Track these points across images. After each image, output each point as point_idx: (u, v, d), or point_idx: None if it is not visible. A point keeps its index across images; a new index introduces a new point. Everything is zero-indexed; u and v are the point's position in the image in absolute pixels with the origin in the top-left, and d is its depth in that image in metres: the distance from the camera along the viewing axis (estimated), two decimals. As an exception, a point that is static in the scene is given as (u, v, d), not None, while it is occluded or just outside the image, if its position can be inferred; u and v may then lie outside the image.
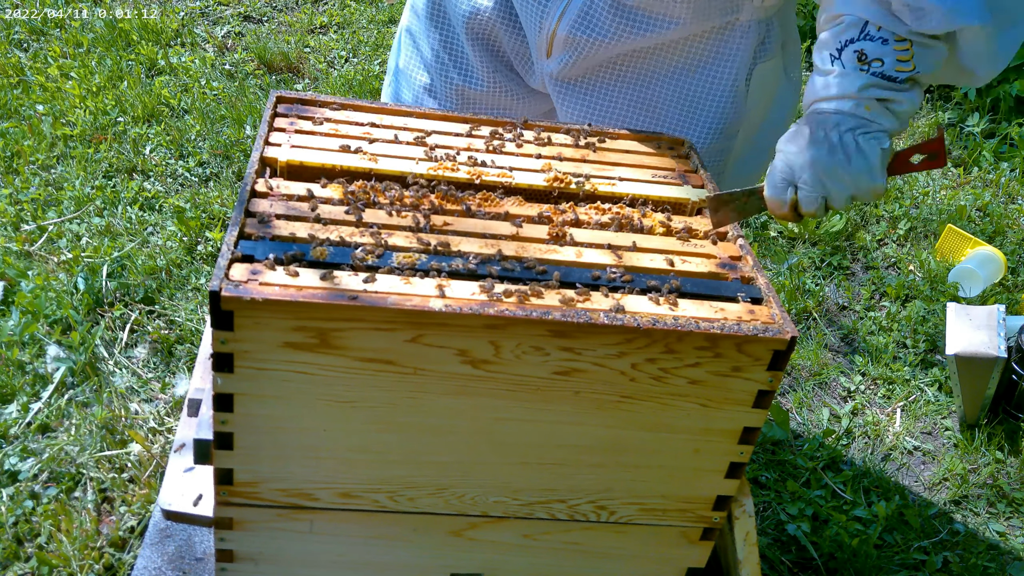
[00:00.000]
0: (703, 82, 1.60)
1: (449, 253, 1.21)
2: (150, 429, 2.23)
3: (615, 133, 1.59)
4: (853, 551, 2.19)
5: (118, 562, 1.93)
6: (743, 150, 1.71)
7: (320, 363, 1.13)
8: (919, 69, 1.31)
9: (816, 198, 1.32)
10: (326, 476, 1.24)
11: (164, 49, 4.01)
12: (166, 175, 3.23)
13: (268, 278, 1.11)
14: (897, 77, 1.31)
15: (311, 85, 3.96)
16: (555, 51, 1.60)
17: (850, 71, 1.31)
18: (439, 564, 1.36)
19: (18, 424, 2.20)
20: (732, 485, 1.32)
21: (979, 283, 3.09)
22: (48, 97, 3.52)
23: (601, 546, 1.37)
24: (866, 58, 1.31)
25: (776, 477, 2.40)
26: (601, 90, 1.64)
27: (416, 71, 1.80)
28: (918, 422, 2.65)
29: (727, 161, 1.70)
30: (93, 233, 2.88)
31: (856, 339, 2.94)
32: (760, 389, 1.22)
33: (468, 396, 1.18)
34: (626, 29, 1.53)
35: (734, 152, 1.70)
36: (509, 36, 1.66)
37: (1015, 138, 3.93)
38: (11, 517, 1.98)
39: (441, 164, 1.41)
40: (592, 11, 1.53)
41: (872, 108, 1.31)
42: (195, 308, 2.62)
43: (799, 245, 3.32)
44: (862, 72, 1.31)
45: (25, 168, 3.13)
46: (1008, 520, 2.38)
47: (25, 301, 2.51)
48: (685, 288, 1.24)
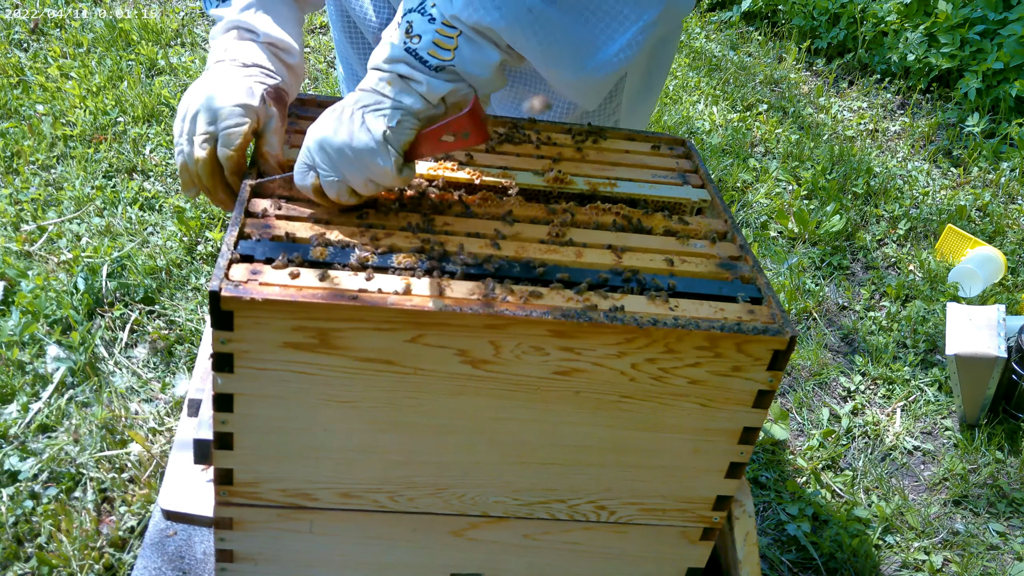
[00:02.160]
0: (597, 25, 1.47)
1: (449, 253, 1.21)
2: (150, 429, 2.23)
3: (615, 133, 1.59)
4: (853, 551, 2.19)
5: (118, 562, 1.93)
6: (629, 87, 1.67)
7: (320, 363, 1.13)
8: (456, 62, 1.21)
9: (334, 182, 1.22)
10: (326, 476, 1.24)
11: (164, 49, 4.01)
12: (166, 175, 3.23)
13: (268, 278, 1.11)
14: (427, 61, 1.21)
15: (311, 85, 3.95)
16: None
17: (392, 41, 1.23)
18: (439, 564, 1.36)
19: (18, 424, 2.20)
20: (732, 485, 1.32)
21: (979, 283, 3.10)
22: (48, 97, 3.52)
23: (601, 546, 1.37)
24: (411, 31, 1.21)
25: (776, 477, 2.40)
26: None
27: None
28: (918, 422, 2.65)
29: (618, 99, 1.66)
30: (93, 233, 2.88)
31: (856, 339, 2.94)
32: (760, 389, 1.22)
33: (468, 396, 1.18)
34: None
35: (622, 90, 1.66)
36: None
37: (1015, 138, 3.93)
38: (11, 517, 1.98)
39: (441, 164, 1.41)
40: None
41: (394, 84, 1.22)
42: (195, 308, 2.62)
43: (799, 245, 3.32)
44: (403, 44, 1.21)
45: (25, 168, 3.13)
46: (1008, 520, 2.37)
47: (25, 301, 2.51)
48: (685, 288, 1.24)
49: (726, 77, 4.53)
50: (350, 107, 1.22)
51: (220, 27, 1.41)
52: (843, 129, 4.18)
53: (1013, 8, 4.17)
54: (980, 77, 4.15)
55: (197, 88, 1.34)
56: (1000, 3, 4.21)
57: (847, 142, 4.04)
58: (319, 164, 1.23)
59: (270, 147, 1.34)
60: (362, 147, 1.20)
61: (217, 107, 1.30)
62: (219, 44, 1.41)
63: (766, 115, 4.23)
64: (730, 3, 5.36)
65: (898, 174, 3.83)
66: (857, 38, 4.74)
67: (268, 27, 1.40)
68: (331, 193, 1.24)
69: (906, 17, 4.49)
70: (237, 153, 1.30)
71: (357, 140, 1.20)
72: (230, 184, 1.33)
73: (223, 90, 1.32)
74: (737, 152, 3.86)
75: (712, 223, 1.40)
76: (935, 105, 4.36)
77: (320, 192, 1.25)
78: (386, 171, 1.21)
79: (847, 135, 4.12)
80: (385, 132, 1.20)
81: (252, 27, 1.39)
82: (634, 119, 1.75)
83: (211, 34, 1.44)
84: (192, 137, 1.31)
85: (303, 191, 1.26)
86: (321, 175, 1.23)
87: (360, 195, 1.25)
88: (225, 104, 1.30)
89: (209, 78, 1.35)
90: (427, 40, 1.20)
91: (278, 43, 1.41)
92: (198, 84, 1.35)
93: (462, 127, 1.20)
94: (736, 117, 4.16)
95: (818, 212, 3.47)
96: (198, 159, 1.30)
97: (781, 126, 4.14)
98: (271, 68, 1.39)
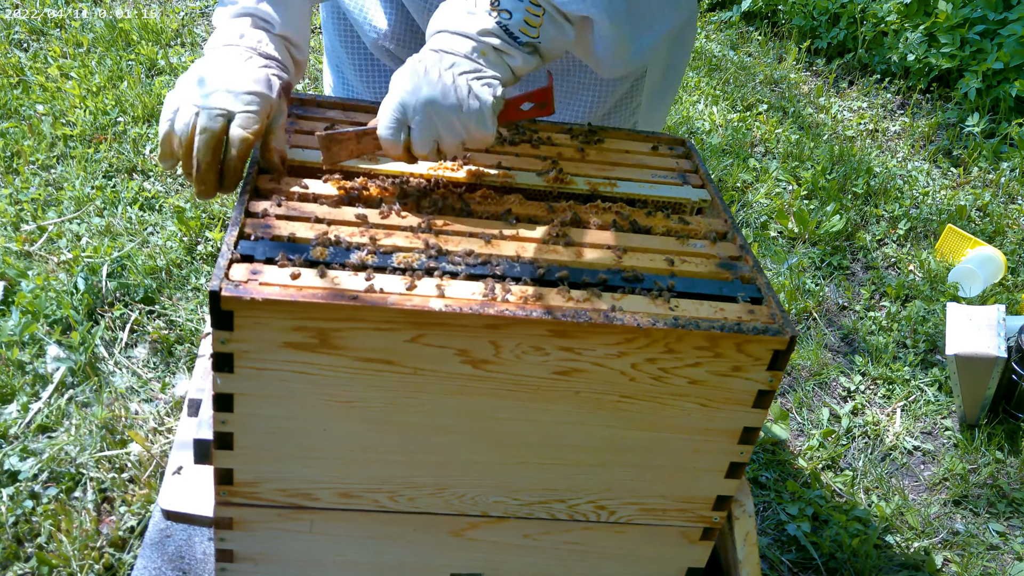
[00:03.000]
0: None
1: (449, 253, 1.21)
2: (150, 429, 2.23)
3: (615, 133, 1.59)
4: (853, 551, 2.19)
5: (118, 562, 1.93)
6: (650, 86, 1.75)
7: (320, 363, 1.13)
8: (541, 40, 1.32)
9: (429, 141, 1.27)
10: (326, 476, 1.24)
11: (164, 49, 4.01)
12: (166, 175, 3.23)
13: (268, 278, 1.11)
14: (518, 37, 1.31)
15: (311, 85, 3.95)
16: None
17: (480, 12, 1.30)
18: (439, 564, 1.36)
19: (18, 424, 2.20)
20: (732, 485, 1.32)
21: (979, 283, 3.10)
22: (48, 97, 3.52)
23: (601, 546, 1.37)
24: (498, 5, 1.30)
25: (776, 477, 2.40)
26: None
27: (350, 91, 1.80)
28: (918, 422, 2.65)
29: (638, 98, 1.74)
30: (93, 233, 2.88)
31: (856, 339, 2.94)
32: (760, 389, 1.22)
33: (468, 396, 1.18)
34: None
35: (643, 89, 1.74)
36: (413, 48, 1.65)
37: (1015, 138, 3.93)
38: (11, 517, 1.98)
39: (441, 164, 1.41)
40: None
41: (488, 54, 1.30)
42: (195, 308, 2.62)
43: (799, 245, 3.32)
44: (490, 16, 1.29)
45: (25, 168, 3.13)
46: (1008, 520, 2.38)
47: (25, 301, 2.51)
48: (685, 288, 1.24)
49: (726, 77, 4.53)
50: (445, 71, 1.26)
51: (233, 10, 1.37)
52: (843, 129, 4.18)
53: (1013, 8, 4.17)
54: (980, 77, 4.15)
55: (213, 65, 1.30)
56: (1000, 3, 4.21)
57: (847, 142, 4.04)
58: (418, 123, 1.26)
59: (278, 142, 1.33)
60: (472, 113, 1.26)
61: (238, 88, 1.27)
62: (232, 27, 1.36)
63: (766, 115, 4.23)
64: (730, 3, 5.36)
65: (898, 174, 3.83)
66: (857, 38, 4.74)
67: (285, 20, 1.39)
68: (422, 150, 1.28)
69: (906, 17, 4.49)
70: (253, 137, 1.27)
71: (468, 106, 1.26)
72: (228, 166, 1.28)
73: (244, 74, 1.29)
74: (737, 152, 3.86)
75: (712, 223, 1.40)
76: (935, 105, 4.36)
77: (407, 149, 1.28)
78: (488, 136, 1.30)
79: (847, 135, 4.12)
80: (492, 101, 1.27)
81: (270, 18, 1.37)
82: (652, 120, 1.80)
83: (218, 13, 1.39)
84: (200, 106, 1.26)
85: (387, 146, 1.28)
86: (415, 132, 1.27)
87: (444, 154, 1.31)
88: (247, 87, 1.28)
89: (227, 59, 1.31)
90: (519, 17, 1.29)
91: (292, 38, 1.41)
92: (214, 61, 1.31)
93: (541, 97, 1.34)
94: (736, 117, 4.16)
95: (818, 212, 3.47)
96: (206, 129, 1.24)
97: (781, 126, 4.14)
98: (283, 62, 1.38)
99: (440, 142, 1.28)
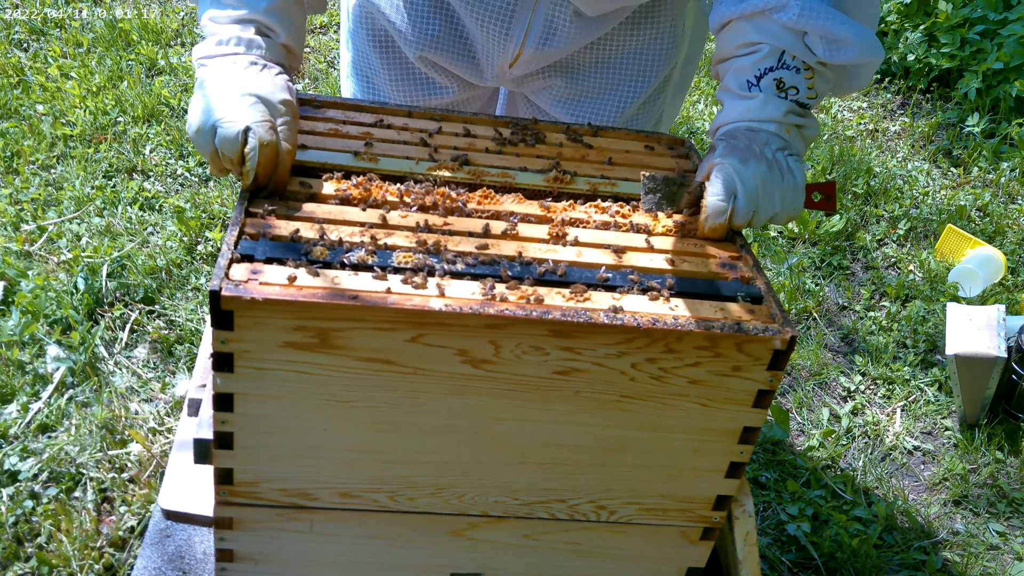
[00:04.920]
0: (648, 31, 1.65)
1: (449, 253, 1.21)
2: (150, 429, 2.23)
3: (615, 133, 1.59)
4: (853, 551, 2.19)
5: (118, 562, 1.93)
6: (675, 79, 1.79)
7: (320, 363, 1.13)
8: (820, 97, 1.39)
9: (748, 211, 1.32)
10: (326, 476, 1.24)
11: (164, 49, 4.01)
12: (166, 175, 3.23)
13: (268, 277, 1.11)
14: (808, 104, 1.38)
15: (311, 85, 3.96)
16: (518, 64, 1.63)
17: (771, 97, 1.36)
18: (439, 564, 1.36)
19: (18, 424, 2.20)
20: (732, 485, 1.32)
21: (979, 283, 3.10)
22: (48, 97, 3.52)
23: (601, 546, 1.37)
24: (784, 86, 1.36)
25: (776, 477, 2.40)
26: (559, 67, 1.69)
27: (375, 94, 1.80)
28: (918, 422, 2.65)
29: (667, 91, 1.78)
30: (93, 233, 2.88)
31: (856, 339, 2.94)
32: (760, 389, 1.22)
33: (468, 396, 1.18)
34: (587, 32, 1.58)
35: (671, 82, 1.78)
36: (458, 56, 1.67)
37: (1015, 138, 3.93)
38: (11, 517, 1.98)
39: (441, 164, 1.41)
40: (555, 27, 1.55)
41: (791, 132, 1.37)
42: (195, 308, 2.62)
43: (799, 245, 3.32)
44: (780, 99, 1.36)
45: (25, 168, 3.13)
46: (1008, 520, 2.38)
47: (25, 301, 2.51)
48: (685, 288, 1.24)
49: (726, 77, 4.52)
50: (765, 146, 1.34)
51: (236, 15, 1.36)
52: (843, 129, 4.18)
53: (1013, 8, 4.17)
54: (980, 77, 4.15)
55: (238, 76, 1.29)
56: (1000, 3, 4.21)
57: (847, 142, 4.03)
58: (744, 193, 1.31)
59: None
60: (791, 187, 1.34)
61: (274, 100, 1.28)
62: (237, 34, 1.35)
63: (766, 115, 4.22)
64: (730, 3, 5.35)
65: (898, 174, 3.83)
66: (857, 38, 4.73)
67: (288, 31, 1.39)
68: (741, 220, 1.32)
69: (906, 17, 4.49)
70: (294, 148, 1.30)
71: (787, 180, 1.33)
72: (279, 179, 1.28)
73: (272, 84, 1.30)
74: (737, 152, 3.85)
75: (712, 223, 1.40)
76: (935, 105, 4.36)
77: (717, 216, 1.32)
78: (798, 211, 1.36)
79: (847, 135, 4.12)
80: (804, 176, 1.36)
81: (274, 28, 1.38)
82: (673, 112, 1.84)
83: (212, 16, 1.36)
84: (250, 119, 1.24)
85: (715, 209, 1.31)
86: (742, 202, 1.31)
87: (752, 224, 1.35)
88: (279, 97, 1.29)
89: (250, 71, 1.31)
90: (803, 89, 1.37)
91: (293, 49, 1.42)
92: (238, 73, 1.30)
93: (828, 190, 1.42)
94: (736, 117, 4.15)
95: (818, 212, 3.47)
96: (267, 143, 1.24)
97: (781, 126, 4.14)
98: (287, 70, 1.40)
99: (756, 213, 1.33)
